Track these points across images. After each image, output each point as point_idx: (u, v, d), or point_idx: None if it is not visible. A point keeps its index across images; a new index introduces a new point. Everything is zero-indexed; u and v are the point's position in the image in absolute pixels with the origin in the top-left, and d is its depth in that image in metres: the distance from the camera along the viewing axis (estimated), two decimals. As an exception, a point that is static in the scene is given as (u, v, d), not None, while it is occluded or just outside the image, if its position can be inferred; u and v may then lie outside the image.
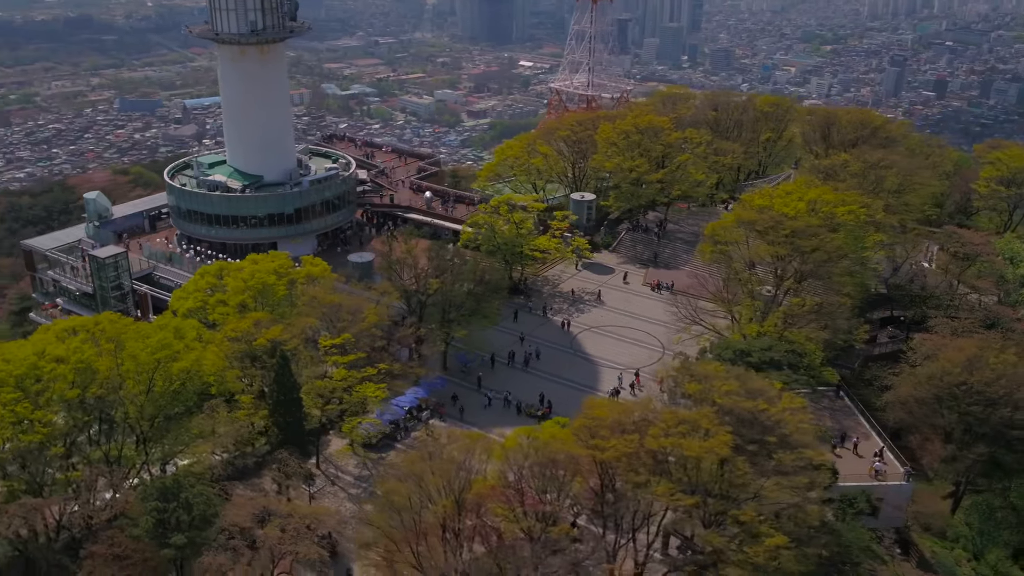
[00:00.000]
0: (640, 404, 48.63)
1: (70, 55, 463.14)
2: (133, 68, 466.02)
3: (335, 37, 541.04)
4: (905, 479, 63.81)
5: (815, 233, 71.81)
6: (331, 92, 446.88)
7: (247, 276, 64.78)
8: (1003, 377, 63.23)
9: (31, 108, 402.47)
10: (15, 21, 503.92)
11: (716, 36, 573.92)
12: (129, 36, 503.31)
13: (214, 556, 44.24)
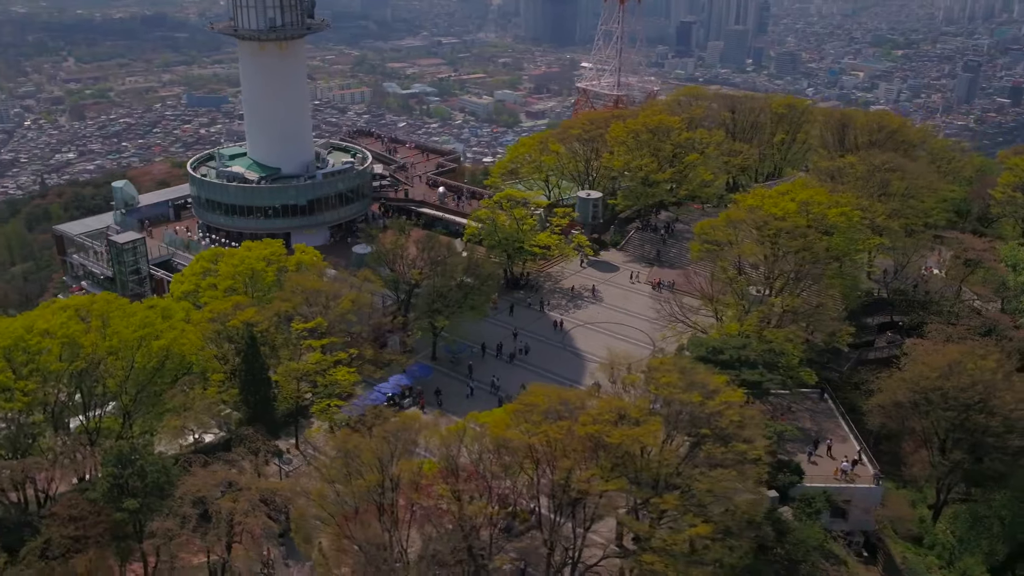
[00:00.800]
0: (581, 393, 49.64)
1: (144, 52, 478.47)
2: (203, 65, 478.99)
3: (399, 37, 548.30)
4: (875, 482, 63.63)
5: (802, 234, 71.85)
6: (392, 91, 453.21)
7: (237, 262, 67.60)
8: (979, 383, 62.58)
9: (104, 103, 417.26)
10: (95, 19, 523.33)
11: (783, 39, 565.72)
12: (200, 34, 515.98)
13: (163, 521, 46.72)
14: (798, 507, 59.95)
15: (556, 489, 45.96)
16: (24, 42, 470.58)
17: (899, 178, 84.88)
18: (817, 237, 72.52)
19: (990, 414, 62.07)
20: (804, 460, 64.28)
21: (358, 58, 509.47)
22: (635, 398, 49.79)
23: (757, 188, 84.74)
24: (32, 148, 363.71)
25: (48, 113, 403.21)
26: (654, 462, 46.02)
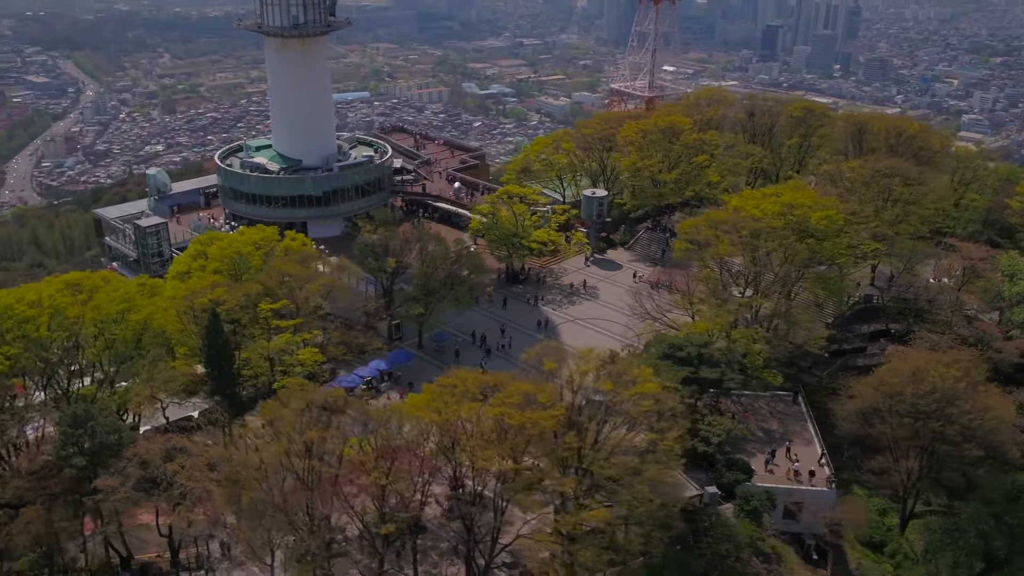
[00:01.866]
0: (503, 377, 51.48)
1: (235, 49, 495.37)
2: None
3: (482, 38, 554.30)
4: (828, 486, 63.65)
5: (777, 236, 72.00)
6: (470, 91, 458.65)
7: (225, 245, 71.47)
8: (938, 391, 61.95)
9: (195, 98, 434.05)
10: (191, 17, 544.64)
11: (874, 45, 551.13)
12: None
13: (106, 479, 50.47)
14: (737, 504, 60.56)
15: (464, 468, 48.09)
16: (124, 39, 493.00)
17: (901, 184, 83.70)
18: (794, 239, 72.48)
19: (947, 422, 61.36)
20: (763, 460, 65.05)
21: (440, 58, 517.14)
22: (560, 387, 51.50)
23: (746, 189, 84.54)
24: (125, 139, 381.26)
25: (142, 106, 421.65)
26: (560, 446, 47.61)
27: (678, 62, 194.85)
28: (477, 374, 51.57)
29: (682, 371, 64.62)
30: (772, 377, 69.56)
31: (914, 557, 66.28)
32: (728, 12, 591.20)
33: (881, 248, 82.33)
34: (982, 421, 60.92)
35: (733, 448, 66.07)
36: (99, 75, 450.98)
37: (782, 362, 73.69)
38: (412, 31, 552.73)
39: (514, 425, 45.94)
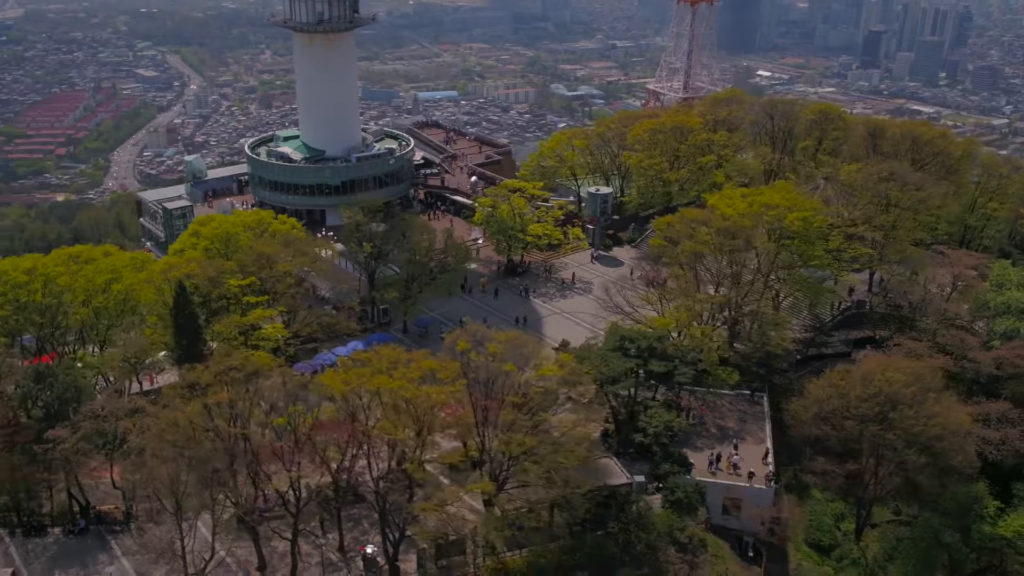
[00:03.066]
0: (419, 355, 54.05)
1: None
2: (385, 61, 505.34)
3: (575, 39, 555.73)
4: (767, 484, 63.97)
5: (747, 235, 72.37)
6: (558, 92, 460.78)
7: (215, 226, 76.06)
8: (882, 395, 61.56)
9: (291, 93, 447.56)
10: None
11: (985, 53, 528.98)
12: (386, 31, 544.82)
13: (58, 431, 55.14)
14: (664, 495, 61.59)
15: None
16: (229, 35, 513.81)
17: (897, 189, 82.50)
18: (768, 240, 72.70)
19: (889, 427, 60.91)
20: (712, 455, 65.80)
21: (531, 59, 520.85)
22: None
23: (727, 188, 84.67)
24: (222, 132, 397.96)
25: (240, 101, 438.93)
26: (459, 421, 49.97)
27: (719, 65, 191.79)
28: (397, 352, 54.14)
29: (629, 362, 66.07)
30: (727, 375, 70.13)
31: (863, 563, 65.71)
32: (830, 16, 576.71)
33: (872, 254, 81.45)
34: (924, 427, 60.21)
35: (685, 443, 67.27)
36: (203, 70, 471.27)
37: (755, 361, 74.46)
38: (506, 31, 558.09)
39: (409, 398, 48.41)
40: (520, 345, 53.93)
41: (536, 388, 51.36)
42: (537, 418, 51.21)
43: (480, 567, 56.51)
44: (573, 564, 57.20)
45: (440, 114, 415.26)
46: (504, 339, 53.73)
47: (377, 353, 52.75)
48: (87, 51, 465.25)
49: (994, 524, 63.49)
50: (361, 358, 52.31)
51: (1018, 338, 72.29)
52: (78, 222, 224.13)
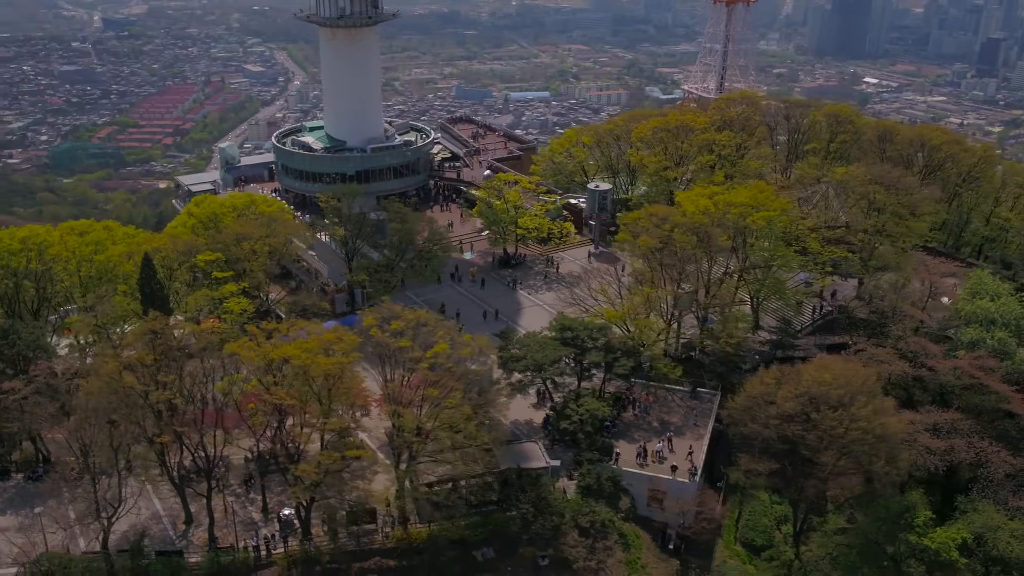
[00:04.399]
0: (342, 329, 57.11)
1: (433, 46, 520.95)
2: (483, 61, 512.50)
3: (675, 42, 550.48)
4: (690, 478, 64.44)
5: (703, 233, 72.69)
6: (652, 95, 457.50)
7: (205, 207, 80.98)
8: (805, 395, 61.23)
9: (388, 90, 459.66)
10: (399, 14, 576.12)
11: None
12: (487, 31, 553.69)
13: (13, 383, 60.45)
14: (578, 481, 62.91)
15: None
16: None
17: (883, 192, 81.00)
18: (718, 235, 72.88)
19: (812, 426, 60.51)
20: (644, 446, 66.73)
21: (629, 61, 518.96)
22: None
23: (697, 187, 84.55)
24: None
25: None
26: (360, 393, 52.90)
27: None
28: (339, 331, 57.36)
29: (563, 350, 67.69)
30: (669, 370, 70.66)
31: (797, 566, 65.29)
32: (946, 22, 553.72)
33: (853, 258, 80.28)
34: (845, 430, 59.61)
35: (623, 434, 68.46)
36: (307, 66, 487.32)
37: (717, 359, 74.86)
38: (606, 33, 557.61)
39: (302, 365, 51.51)
40: (424, 324, 56.26)
41: (439, 361, 53.68)
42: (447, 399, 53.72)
43: (387, 536, 59.23)
44: (476, 539, 59.31)
45: (530, 114, 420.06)
46: (411, 318, 56.14)
47: (290, 327, 55.92)
48: (201, 46, 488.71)
49: (923, 535, 62.08)
50: (269, 328, 55.56)
51: (983, 348, 70.34)
52: (164, 207, 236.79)
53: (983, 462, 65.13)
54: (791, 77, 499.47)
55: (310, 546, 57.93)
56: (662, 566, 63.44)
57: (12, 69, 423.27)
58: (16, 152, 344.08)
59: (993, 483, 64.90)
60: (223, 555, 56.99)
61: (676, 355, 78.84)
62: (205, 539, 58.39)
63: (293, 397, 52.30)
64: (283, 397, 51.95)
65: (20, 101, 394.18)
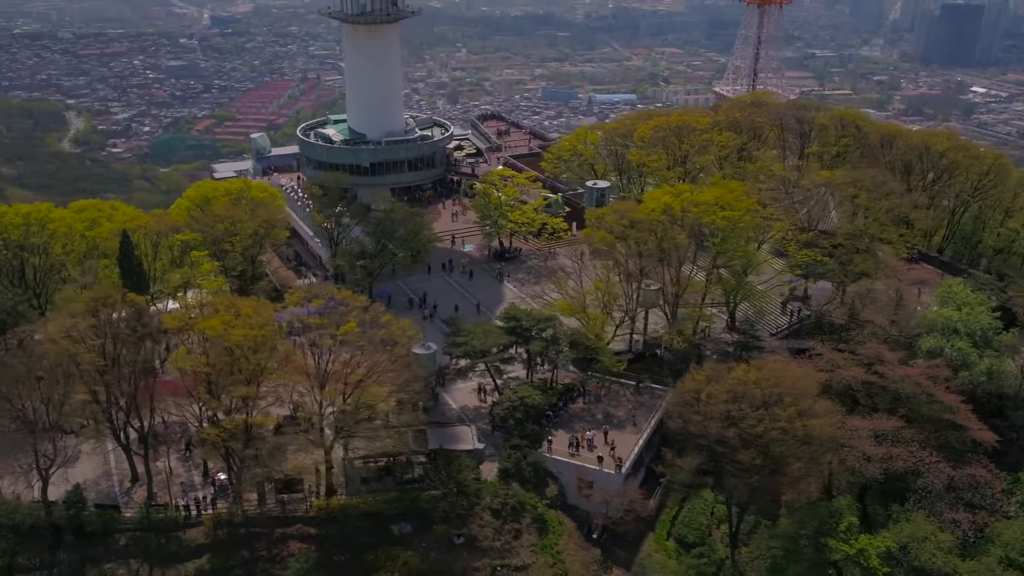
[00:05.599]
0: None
1: (525, 47, 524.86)
2: (574, 63, 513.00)
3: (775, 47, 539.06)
4: (615, 470, 65.29)
5: (660, 230, 73.28)
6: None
7: (199, 190, 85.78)
8: (729, 392, 61.39)
9: (478, 90, 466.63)
10: (494, 15, 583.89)
11: None
12: (581, 33, 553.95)
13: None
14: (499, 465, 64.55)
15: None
16: (429, 33, 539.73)
17: (866, 196, 79.80)
18: (675, 232, 73.28)
19: (732, 424, 60.64)
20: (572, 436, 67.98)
21: (723, 65, 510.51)
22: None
23: (664, 185, 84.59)
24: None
25: (429, 96, 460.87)
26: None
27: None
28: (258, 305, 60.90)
29: (504, 337, 69.57)
30: (612, 363, 71.54)
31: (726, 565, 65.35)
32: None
33: (827, 262, 79.32)
34: (764, 429, 59.53)
35: (565, 423, 69.95)
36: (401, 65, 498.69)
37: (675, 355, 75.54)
38: (701, 37, 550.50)
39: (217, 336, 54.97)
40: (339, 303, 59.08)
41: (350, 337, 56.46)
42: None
43: (311, 505, 62.19)
44: (393, 514, 61.65)
45: (614, 116, 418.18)
46: (328, 295, 59.00)
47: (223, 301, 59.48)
48: (300, 44, 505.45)
49: (845, 541, 61.41)
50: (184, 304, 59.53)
51: (941, 357, 68.84)
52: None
53: (921, 472, 64.05)
54: (892, 85, 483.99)
55: (237, 509, 61.28)
56: (582, 554, 64.54)
57: (124, 63, 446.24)
58: (120, 142, 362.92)
59: (932, 494, 63.79)
60: (156, 512, 60.87)
61: (640, 350, 79.72)
62: (144, 496, 62.50)
63: (208, 366, 55.74)
64: (197, 365, 55.47)
65: (128, 94, 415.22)
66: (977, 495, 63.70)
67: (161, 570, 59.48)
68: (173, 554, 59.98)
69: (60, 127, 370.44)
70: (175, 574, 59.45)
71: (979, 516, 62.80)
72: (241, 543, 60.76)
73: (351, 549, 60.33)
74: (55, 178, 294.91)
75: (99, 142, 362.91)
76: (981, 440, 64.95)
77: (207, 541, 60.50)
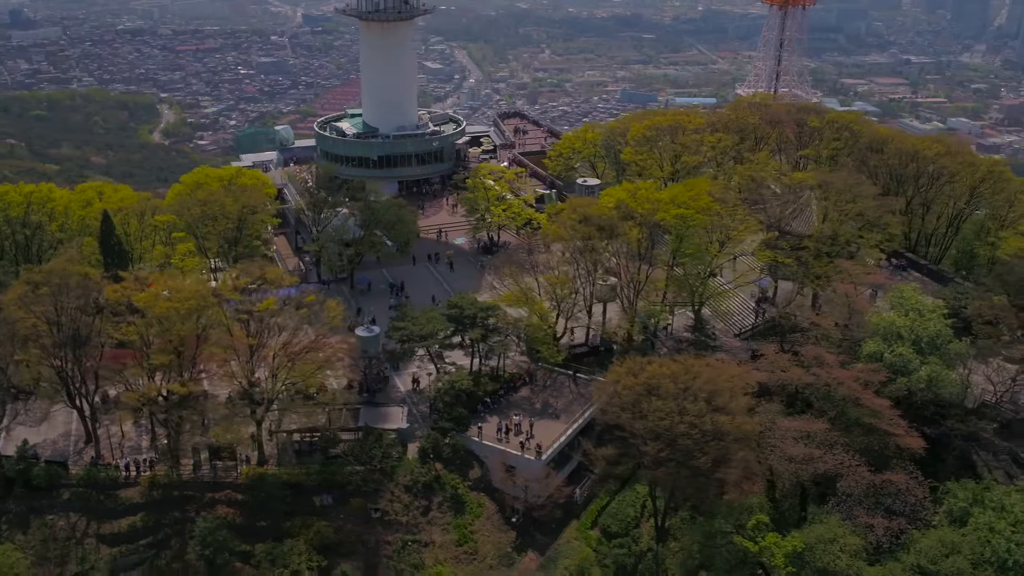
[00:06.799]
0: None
1: (609, 49, 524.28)
2: (658, 66, 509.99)
3: (865, 53, 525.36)
4: (535, 457, 66.81)
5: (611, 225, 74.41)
6: (829, 107, 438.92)
7: (193, 175, 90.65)
8: (643, 385, 62.22)
9: (558, 91, 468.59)
10: (580, 16, 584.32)
11: None
12: (668, 36, 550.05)
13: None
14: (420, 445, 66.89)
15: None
16: (515, 34, 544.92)
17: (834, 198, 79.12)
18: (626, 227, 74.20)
19: (640, 416, 61.48)
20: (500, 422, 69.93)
21: (811, 70, 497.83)
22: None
23: (625, 182, 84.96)
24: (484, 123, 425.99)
25: (510, 96, 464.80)
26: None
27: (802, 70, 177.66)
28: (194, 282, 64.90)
29: (442, 324, 71.90)
30: (551, 354, 73.02)
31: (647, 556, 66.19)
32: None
33: (787, 263, 78.98)
34: (671, 423, 60.16)
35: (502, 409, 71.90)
36: (484, 65, 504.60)
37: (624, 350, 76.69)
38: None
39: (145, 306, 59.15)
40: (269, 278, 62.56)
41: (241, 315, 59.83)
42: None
43: (239, 473, 65.72)
44: (313, 485, 64.64)
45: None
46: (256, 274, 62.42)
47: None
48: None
49: (750, 539, 61.50)
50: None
51: (880, 363, 67.96)
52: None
53: (840, 475, 63.55)
54: (991, 93, 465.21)
55: (173, 473, 65.25)
56: (497, 535, 66.28)
57: (217, 59, 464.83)
58: (207, 135, 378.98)
59: (851, 497, 63.20)
60: (99, 471, 65.32)
61: (596, 344, 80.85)
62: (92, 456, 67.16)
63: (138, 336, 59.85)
64: (125, 334, 59.59)
65: (219, 88, 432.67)
66: (897, 501, 62.70)
67: (97, 524, 63.82)
68: (110, 510, 64.28)
69: (153, 119, 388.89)
70: (110, 528, 63.69)
71: (896, 523, 61.76)
72: (173, 504, 64.72)
73: (272, 515, 63.52)
74: (141, 167, 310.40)
75: (188, 134, 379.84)
76: (908, 447, 63.91)
77: (142, 500, 64.62)
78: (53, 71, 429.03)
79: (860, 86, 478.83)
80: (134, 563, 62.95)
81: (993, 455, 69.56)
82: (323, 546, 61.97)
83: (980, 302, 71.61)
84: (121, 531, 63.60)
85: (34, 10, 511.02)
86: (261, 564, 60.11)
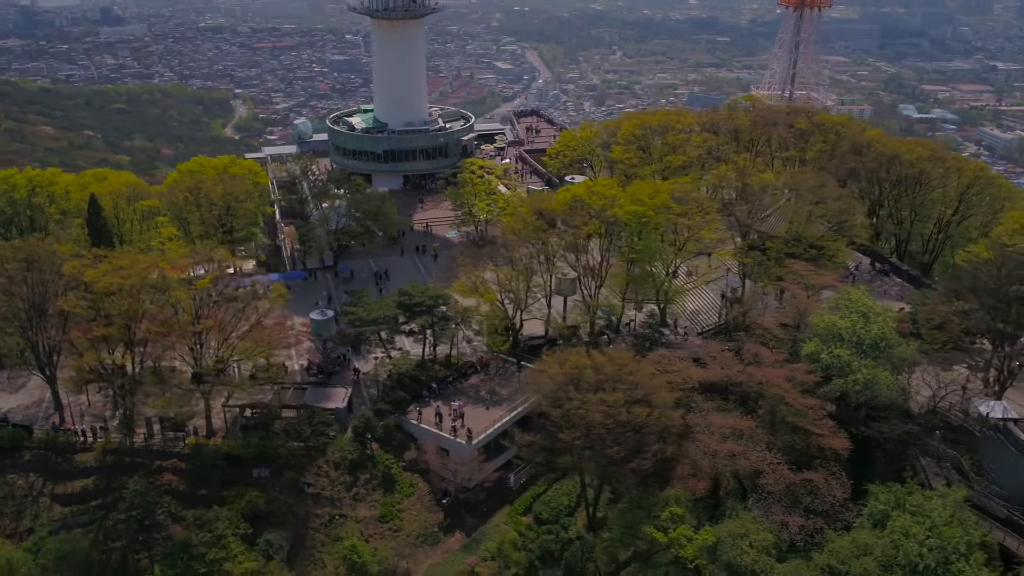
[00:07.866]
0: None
1: (682, 52, 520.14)
2: (731, 69, 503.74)
3: (948, 58, 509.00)
4: (466, 441, 68.71)
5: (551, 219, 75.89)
6: (904, 114, 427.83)
7: (189, 164, 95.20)
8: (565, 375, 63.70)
9: (627, 94, 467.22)
10: (655, 18, 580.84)
11: None
12: (742, 39, 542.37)
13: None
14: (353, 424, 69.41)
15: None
16: (587, 35, 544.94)
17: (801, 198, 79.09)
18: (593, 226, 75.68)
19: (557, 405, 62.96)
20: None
21: (892, 75, 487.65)
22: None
23: (586, 179, 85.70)
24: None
25: (577, 98, 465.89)
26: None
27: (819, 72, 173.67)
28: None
29: (390, 310, 74.39)
30: (496, 344, 74.77)
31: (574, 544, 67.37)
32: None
33: (746, 262, 79.22)
34: (586, 412, 61.42)
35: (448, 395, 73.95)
36: (554, 66, 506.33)
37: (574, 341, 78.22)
38: (872, 46, 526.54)
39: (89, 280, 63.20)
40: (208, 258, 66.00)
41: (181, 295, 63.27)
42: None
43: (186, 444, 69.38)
44: (250, 457, 67.74)
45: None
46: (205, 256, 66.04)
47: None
48: (458, 43, 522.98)
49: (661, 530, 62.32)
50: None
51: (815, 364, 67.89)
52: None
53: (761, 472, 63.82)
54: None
55: (126, 440, 69.25)
56: (426, 515, 68.41)
57: (292, 56, 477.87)
58: (276, 130, 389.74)
59: (771, 495, 63.40)
60: (59, 435, 69.71)
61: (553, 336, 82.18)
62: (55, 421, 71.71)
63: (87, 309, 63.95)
64: (72, 306, 63.75)
65: (293, 85, 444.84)
66: (817, 501, 62.65)
67: (53, 484, 68.16)
68: (66, 472, 68.53)
69: (226, 114, 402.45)
70: (64, 489, 67.90)
71: (813, 522, 61.76)
72: (124, 469, 68.58)
73: (211, 484, 66.92)
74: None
75: (259, 129, 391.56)
76: (832, 447, 63.80)
77: (96, 464, 68.68)
78: (137, 66, 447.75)
79: (941, 92, 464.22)
80: (84, 522, 66.99)
81: (937, 461, 68.58)
82: (253, 515, 64.99)
83: (927, 306, 70.69)
84: (74, 492, 67.69)
85: (123, 7, 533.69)
86: (190, 527, 63.38)
